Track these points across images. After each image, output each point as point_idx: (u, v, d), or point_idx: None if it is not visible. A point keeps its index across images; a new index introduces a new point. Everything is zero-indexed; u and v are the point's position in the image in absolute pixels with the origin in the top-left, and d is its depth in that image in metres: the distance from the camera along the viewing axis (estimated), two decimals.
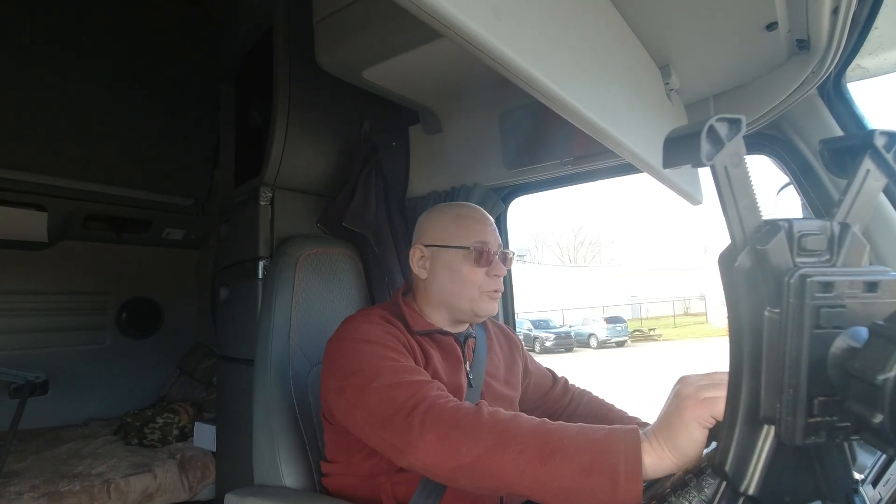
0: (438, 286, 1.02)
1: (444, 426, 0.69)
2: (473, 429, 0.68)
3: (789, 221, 0.38)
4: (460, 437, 0.67)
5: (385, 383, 0.79)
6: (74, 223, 2.52)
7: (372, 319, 0.94)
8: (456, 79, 1.31)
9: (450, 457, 0.67)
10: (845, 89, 1.08)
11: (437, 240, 1.02)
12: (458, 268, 1.00)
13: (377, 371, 0.81)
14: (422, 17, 0.43)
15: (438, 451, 0.68)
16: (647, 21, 0.89)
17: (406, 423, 0.72)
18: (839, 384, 0.34)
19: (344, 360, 0.87)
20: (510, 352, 1.19)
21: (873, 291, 0.37)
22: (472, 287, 0.99)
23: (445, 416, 0.71)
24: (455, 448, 0.67)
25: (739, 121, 0.38)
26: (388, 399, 0.76)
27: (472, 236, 1.00)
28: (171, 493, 1.98)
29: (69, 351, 2.64)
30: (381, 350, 0.86)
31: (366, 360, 0.84)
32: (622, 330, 16.75)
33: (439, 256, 1.02)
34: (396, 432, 0.73)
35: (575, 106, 0.60)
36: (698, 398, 0.57)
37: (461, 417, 0.69)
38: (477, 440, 0.66)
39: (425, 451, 0.69)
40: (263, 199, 1.47)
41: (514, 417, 0.69)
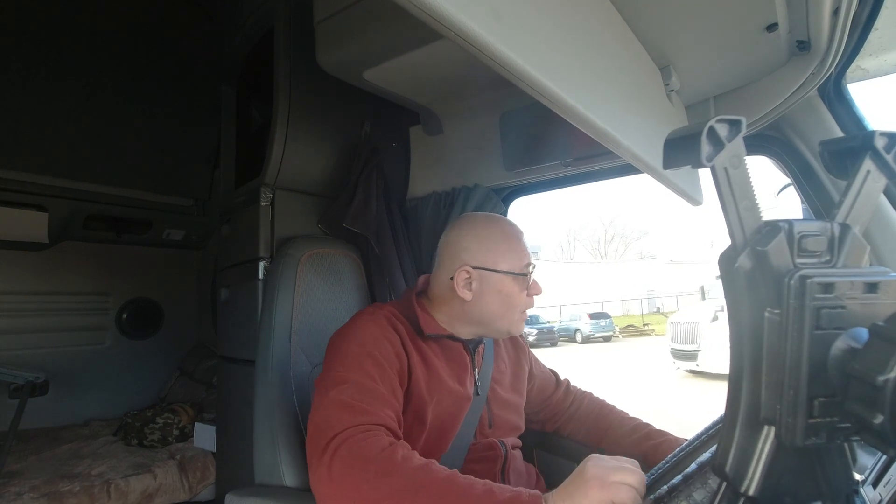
0: (483, 309, 0.97)
1: (355, 461, 0.68)
2: (384, 471, 0.66)
3: (789, 222, 0.38)
4: (367, 475, 0.66)
5: (338, 399, 0.78)
6: (75, 224, 2.52)
7: (377, 319, 0.94)
8: (457, 80, 1.31)
9: (350, 493, 0.67)
10: (845, 90, 1.08)
11: (487, 262, 0.97)
12: (509, 292, 0.97)
13: (342, 380, 0.82)
14: (422, 17, 0.43)
15: (340, 485, 0.67)
16: (648, 22, 0.89)
17: (323, 452, 0.71)
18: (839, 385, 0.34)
19: (330, 354, 0.89)
20: (517, 357, 1.19)
21: (873, 292, 0.37)
22: (516, 310, 0.98)
23: (358, 451, 0.69)
24: (357, 486, 0.66)
25: (739, 122, 0.38)
26: (332, 418, 0.76)
27: (523, 259, 0.98)
28: (171, 493, 1.98)
29: (69, 351, 2.64)
30: (365, 361, 0.85)
31: (340, 364, 0.85)
32: (607, 325, 17.01)
33: (489, 280, 0.96)
34: (312, 451, 0.74)
35: (575, 107, 0.60)
36: (606, 480, 0.61)
37: (374, 457, 0.68)
38: (384, 484, 0.65)
39: (327, 481, 0.69)
40: (264, 199, 1.47)
41: (426, 465, 0.68)
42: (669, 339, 9.91)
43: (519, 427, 1.11)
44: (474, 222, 1.04)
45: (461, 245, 1.00)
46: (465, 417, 0.98)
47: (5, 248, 2.40)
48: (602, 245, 33.28)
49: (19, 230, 2.33)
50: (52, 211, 2.39)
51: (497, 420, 1.04)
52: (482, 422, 1.02)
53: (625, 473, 0.62)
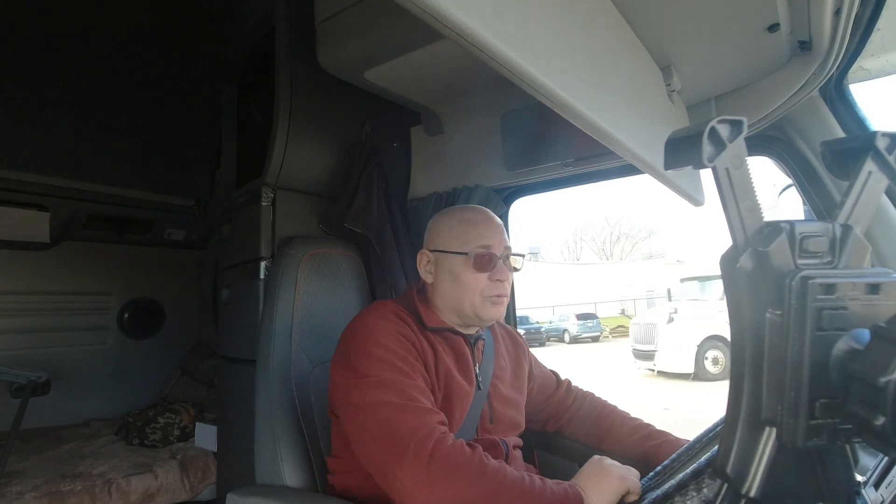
0: (442, 291, 1.02)
1: (452, 467, 0.74)
2: (475, 475, 0.74)
3: (791, 223, 0.38)
4: (464, 480, 0.73)
5: (394, 401, 0.80)
6: (76, 223, 2.52)
7: (386, 315, 0.94)
8: (458, 80, 1.31)
9: (449, 497, 0.73)
10: (847, 91, 1.07)
11: (441, 245, 1.03)
12: (459, 273, 0.99)
13: (387, 384, 0.83)
14: (423, 17, 0.43)
15: (443, 491, 0.73)
16: (649, 22, 0.89)
17: (416, 456, 0.74)
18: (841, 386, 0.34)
19: (354, 358, 0.88)
20: (516, 355, 1.19)
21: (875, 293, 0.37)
22: (474, 293, 0.99)
23: (453, 456, 0.75)
24: (459, 491, 0.73)
25: (741, 122, 0.38)
26: (397, 421, 0.78)
27: (474, 241, 1.00)
28: (172, 493, 1.98)
29: (71, 351, 2.64)
30: (392, 358, 0.87)
31: (376, 367, 0.85)
32: (594, 326, 17.17)
33: (442, 262, 1.02)
34: (396, 456, 0.75)
35: (576, 107, 0.60)
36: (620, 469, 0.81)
37: (466, 461, 0.75)
38: (478, 486, 0.73)
39: (427, 484, 0.73)
40: (265, 199, 1.47)
41: (502, 467, 0.77)
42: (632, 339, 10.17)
43: (519, 424, 1.11)
44: (442, 212, 1.10)
45: (427, 234, 1.07)
46: (468, 412, 0.99)
47: (7, 248, 2.40)
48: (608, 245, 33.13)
49: (21, 230, 2.34)
50: (53, 211, 2.39)
51: (498, 416, 1.05)
52: (483, 417, 1.02)
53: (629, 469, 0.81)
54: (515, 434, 1.10)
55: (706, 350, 9.06)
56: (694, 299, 10.68)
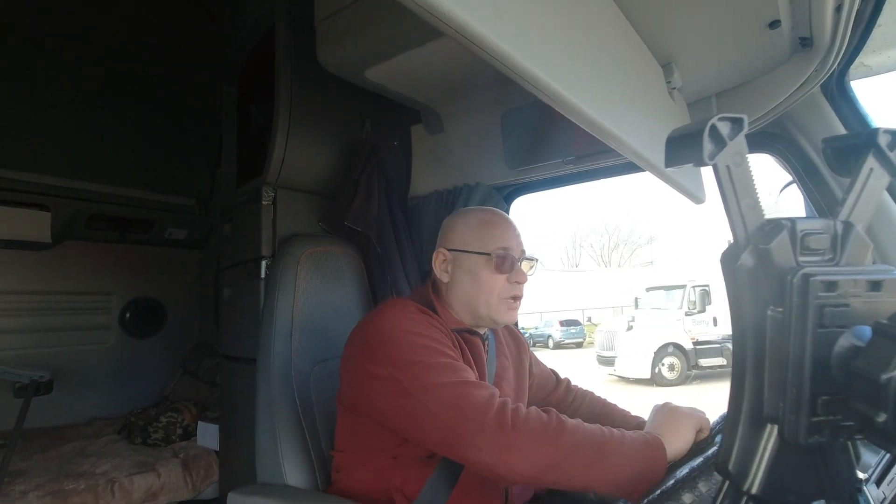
0: (459, 290, 1.01)
1: (535, 430, 0.75)
2: (556, 434, 0.75)
3: (792, 220, 0.38)
4: (549, 441, 0.74)
5: (455, 380, 0.80)
6: (78, 223, 2.53)
7: (411, 310, 0.94)
8: (458, 78, 1.31)
9: (538, 459, 0.73)
10: (848, 87, 1.07)
11: (460, 244, 1.02)
12: (478, 273, 0.99)
13: (440, 367, 0.82)
14: (423, 15, 0.43)
15: (530, 454, 0.73)
16: (650, 19, 0.88)
17: (498, 425, 0.74)
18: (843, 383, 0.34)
19: (395, 348, 0.86)
20: (518, 353, 1.19)
21: (877, 290, 0.37)
22: (492, 293, 0.99)
23: (533, 420, 0.76)
24: (545, 451, 0.74)
25: (742, 120, 0.38)
26: (466, 396, 0.78)
27: (495, 242, 1.00)
28: (174, 491, 1.99)
29: (73, 350, 2.65)
30: (436, 345, 0.87)
31: (424, 353, 0.84)
32: (577, 332, 17.32)
33: (461, 261, 1.01)
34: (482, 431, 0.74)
35: (577, 105, 0.60)
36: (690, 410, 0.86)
37: (546, 423, 0.76)
38: (561, 444, 0.74)
39: (518, 454, 0.73)
40: (265, 198, 1.47)
41: (579, 423, 0.78)
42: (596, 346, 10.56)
43: None
44: (462, 210, 1.10)
45: (444, 233, 1.07)
46: None
47: (9, 248, 2.41)
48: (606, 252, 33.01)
49: (22, 230, 2.34)
50: (55, 211, 2.39)
51: None
52: None
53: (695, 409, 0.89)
54: None
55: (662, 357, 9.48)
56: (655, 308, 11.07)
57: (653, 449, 0.77)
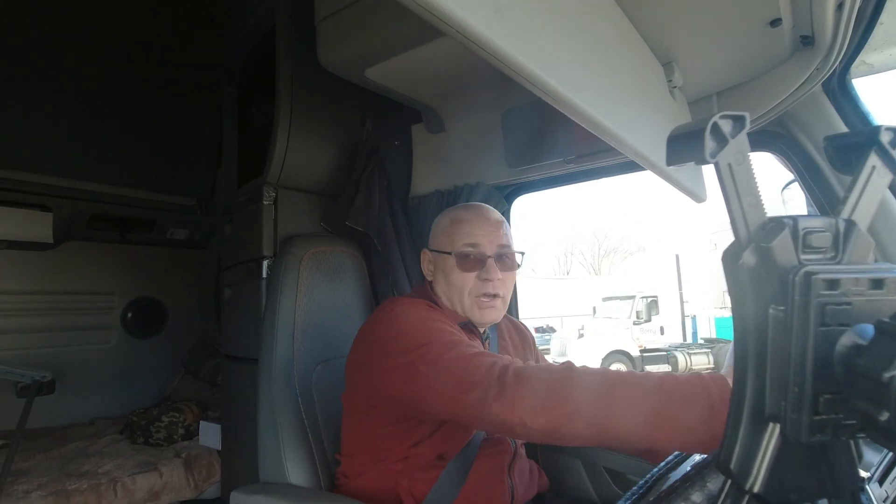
0: (440, 290, 1.03)
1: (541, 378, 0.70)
2: (574, 378, 0.68)
3: (794, 218, 0.38)
4: (561, 386, 0.68)
5: (464, 353, 0.78)
6: (79, 223, 2.53)
7: (417, 303, 0.94)
8: (458, 77, 1.31)
9: (553, 404, 0.67)
10: (850, 85, 1.07)
11: (436, 244, 1.04)
12: (449, 273, 1.00)
13: (450, 343, 0.81)
14: (424, 15, 0.43)
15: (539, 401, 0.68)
16: (650, 18, 0.88)
17: (500, 379, 0.70)
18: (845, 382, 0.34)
19: (407, 336, 0.85)
20: (522, 349, 1.19)
21: (879, 289, 0.36)
22: (462, 293, 0.99)
23: (541, 371, 0.71)
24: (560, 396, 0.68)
25: (744, 118, 0.38)
26: (475, 361, 0.75)
27: (460, 240, 0.99)
28: (176, 491, 1.99)
29: (75, 350, 2.65)
30: (446, 326, 0.86)
31: (434, 334, 0.83)
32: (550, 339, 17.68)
33: (437, 261, 1.03)
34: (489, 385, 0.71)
35: (577, 104, 0.60)
36: None
37: (556, 370, 0.70)
38: (581, 388, 0.67)
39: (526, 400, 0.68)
40: (266, 198, 1.47)
41: (604, 368, 0.71)
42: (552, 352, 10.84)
43: None
44: (443, 211, 1.11)
45: (431, 233, 1.08)
46: None
47: (11, 249, 2.41)
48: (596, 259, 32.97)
49: (24, 230, 2.34)
50: (56, 211, 2.40)
51: None
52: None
53: None
54: None
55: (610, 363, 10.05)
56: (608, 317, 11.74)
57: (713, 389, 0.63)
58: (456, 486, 0.89)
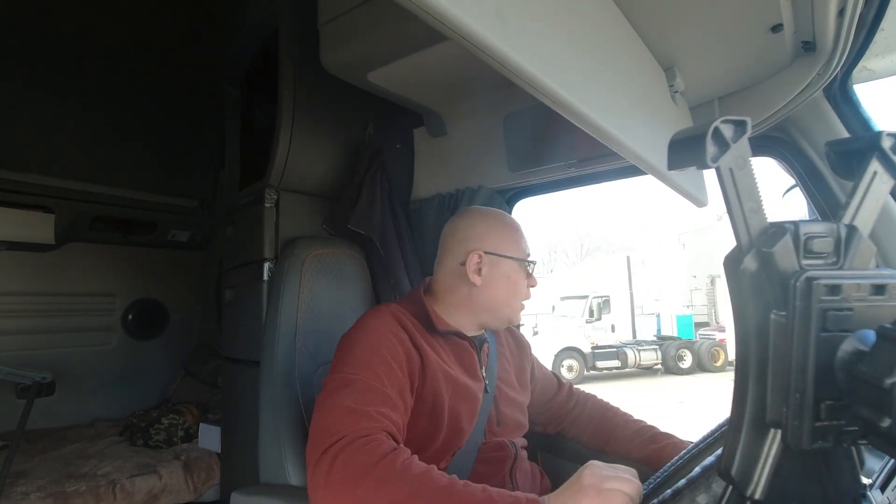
0: (491, 294, 1.01)
1: (354, 469, 0.67)
2: (383, 478, 0.65)
3: (795, 224, 0.38)
4: (367, 483, 0.65)
5: (341, 403, 0.77)
6: (81, 225, 2.54)
7: (384, 317, 0.93)
8: (460, 81, 1.32)
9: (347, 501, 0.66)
10: (852, 91, 1.07)
11: (498, 248, 1.01)
12: (514, 278, 1.01)
13: (347, 382, 0.81)
14: (426, 19, 0.43)
15: (336, 493, 0.67)
16: (652, 23, 0.89)
17: (318, 455, 0.70)
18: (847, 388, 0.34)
19: (338, 356, 0.88)
20: (519, 356, 1.19)
21: (881, 294, 0.36)
22: (519, 297, 1.02)
23: (357, 459, 0.68)
24: (355, 494, 0.66)
25: (745, 123, 0.38)
26: (331, 421, 0.75)
27: (524, 248, 1.03)
28: (176, 493, 1.98)
29: (75, 352, 2.65)
30: (371, 358, 0.84)
31: (347, 365, 0.84)
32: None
33: (498, 265, 1.01)
34: (310, 456, 0.72)
35: (579, 108, 0.60)
36: (601, 487, 0.61)
37: (373, 465, 0.67)
38: (383, 493, 0.64)
39: (323, 488, 0.68)
40: (268, 200, 1.47)
41: (426, 472, 0.67)
42: None
43: (524, 425, 1.11)
44: (484, 212, 1.09)
45: (473, 232, 1.03)
46: (478, 415, 0.98)
47: (12, 250, 2.42)
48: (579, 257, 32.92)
49: (26, 231, 2.35)
50: (58, 212, 2.40)
51: (504, 418, 1.04)
52: (490, 420, 1.02)
53: (620, 482, 0.61)
54: (520, 435, 1.10)
55: (563, 359, 10.87)
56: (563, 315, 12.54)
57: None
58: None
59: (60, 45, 2.17)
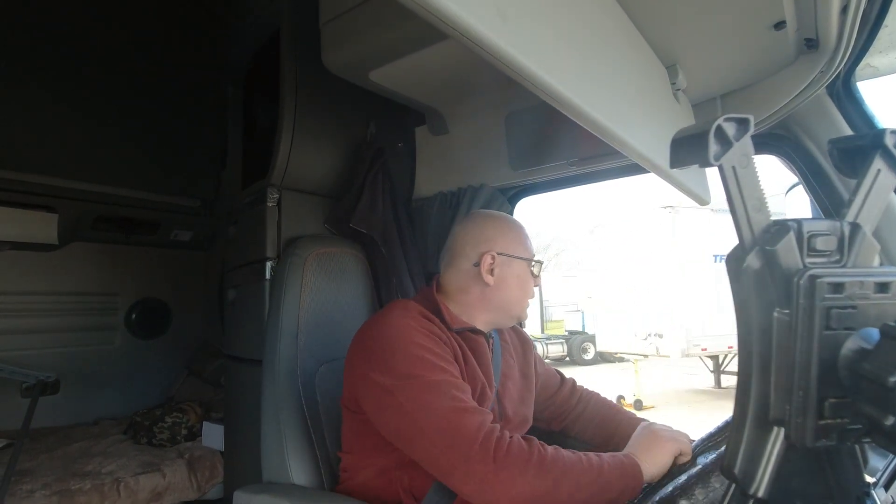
0: (503, 293, 1.04)
1: (519, 463, 0.76)
2: (539, 467, 0.76)
3: (798, 222, 0.38)
4: (532, 473, 0.75)
5: (450, 404, 0.81)
6: (84, 225, 2.55)
7: (413, 315, 0.94)
8: (462, 80, 1.31)
9: (521, 492, 0.74)
10: (855, 88, 1.06)
11: (508, 249, 1.04)
12: (524, 278, 1.05)
13: (438, 385, 0.83)
14: (428, 18, 0.43)
15: (512, 487, 0.74)
16: (654, 21, 0.88)
17: (482, 456, 0.75)
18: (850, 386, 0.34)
19: (393, 358, 0.86)
20: (523, 352, 1.20)
21: (884, 292, 0.36)
22: (528, 296, 1.07)
23: (516, 453, 0.77)
24: (528, 484, 0.75)
25: (748, 120, 0.38)
26: (456, 423, 0.79)
27: (531, 249, 1.08)
28: (179, 491, 1.99)
29: (79, 351, 2.67)
30: (433, 358, 0.87)
31: (419, 367, 0.85)
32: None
33: (511, 266, 1.04)
34: (468, 461, 0.76)
35: (581, 106, 0.60)
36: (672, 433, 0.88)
37: (528, 455, 0.77)
38: (544, 477, 0.75)
39: (502, 486, 0.75)
40: (270, 200, 1.48)
41: (558, 452, 0.80)
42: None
43: (528, 420, 1.12)
44: (493, 215, 1.13)
45: (484, 234, 1.06)
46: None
47: (16, 249, 2.43)
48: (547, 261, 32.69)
49: (29, 231, 2.36)
50: (61, 212, 2.41)
51: (508, 413, 1.05)
52: (494, 415, 1.02)
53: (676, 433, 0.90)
54: (524, 431, 1.10)
55: None
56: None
57: (629, 477, 0.80)
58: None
59: (63, 45, 2.17)
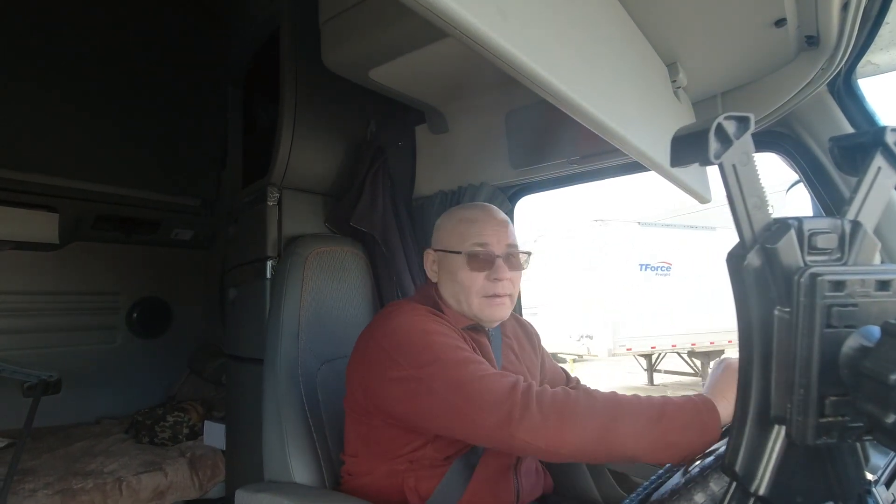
0: (446, 290, 1.02)
1: (561, 407, 0.73)
2: (586, 407, 0.73)
3: (799, 220, 0.38)
4: (579, 416, 0.72)
5: (478, 373, 0.79)
6: (85, 224, 2.55)
7: (421, 311, 0.93)
8: (462, 78, 1.31)
9: (572, 435, 0.72)
10: (856, 86, 1.06)
11: (443, 244, 1.02)
12: (457, 273, 0.98)
13: (461, 362, 0.81)
14: (428, 16, 0.43)
15: (565, 433, 0.72)
16: (654, 18, 0.88)
17: (524, 406, 0.73)
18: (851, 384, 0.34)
19: (413, 349, 0.85)
20: (529, 347, 1.18)
21: (885, 290, 0.36)
22: (470, 292, 0.98)
23: (557, 398, 0.74)
24: (580, 427, 0.72)
25: (748, 119, 0.38)
26: (493, 386, 0.77)
27: (469, 239, 0.99)
28: (181, 490, 2.00)
29: (81, 350, 2.67)
30: (452, 340, 0.86)
31: (442, 350, 0.84)
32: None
33: (444, 261, 1.02)
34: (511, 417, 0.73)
35: (581, 105, 0.60)
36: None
37: (570, 399, 0.74)
38: (593, 417, 0.72)
39: (552, 433, 0.72)
40: (271, 199, 1.48)
41: (614, 394, 0.76)
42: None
43: None
44: (447, 212, 1.10)
45: (434, 234, 1.07)
46: None
47: (17, 249, 2.43)
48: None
49: (30, 231, 2.36)
50: (62, 212, 2.41)
51: None
52: None
53: None
54: None
55: None
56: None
57: (701, 419, 0.71)
58: (461, 485, 0.89)
59: (64, 45, 2.17)
